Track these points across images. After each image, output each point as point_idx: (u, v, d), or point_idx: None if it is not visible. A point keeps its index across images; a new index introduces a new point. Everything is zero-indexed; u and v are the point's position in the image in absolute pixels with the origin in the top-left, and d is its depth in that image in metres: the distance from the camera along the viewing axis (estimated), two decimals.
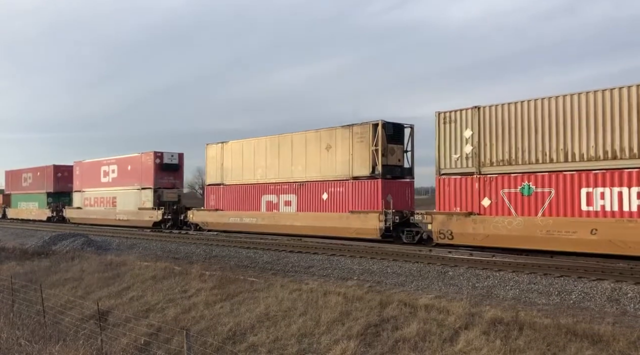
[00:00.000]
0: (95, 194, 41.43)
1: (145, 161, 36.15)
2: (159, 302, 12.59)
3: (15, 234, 34.39)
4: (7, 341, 10.48)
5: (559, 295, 11.98)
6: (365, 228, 22.49)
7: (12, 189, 55.78)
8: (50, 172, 48.21)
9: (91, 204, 42.00)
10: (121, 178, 38.52)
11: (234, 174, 29.86)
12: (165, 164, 35.88)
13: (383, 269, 15.98)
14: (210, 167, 31.73)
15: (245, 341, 9.51)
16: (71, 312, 12.27)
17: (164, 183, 35.99)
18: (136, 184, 36.76)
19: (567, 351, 7.50)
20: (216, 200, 30.89)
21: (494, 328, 8.42)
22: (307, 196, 25.51)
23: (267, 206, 27.61)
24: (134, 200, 36.86)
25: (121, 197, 38.27)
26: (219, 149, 31.03)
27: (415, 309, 9.59)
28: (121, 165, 38.73)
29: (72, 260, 18.67)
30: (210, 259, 19.84)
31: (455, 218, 19.11)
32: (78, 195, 43.71)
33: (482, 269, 15.04)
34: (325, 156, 24.86)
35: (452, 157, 19.59)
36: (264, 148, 28.20)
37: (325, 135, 24.94)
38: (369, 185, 22.91)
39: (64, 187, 47.41)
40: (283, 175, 26.90)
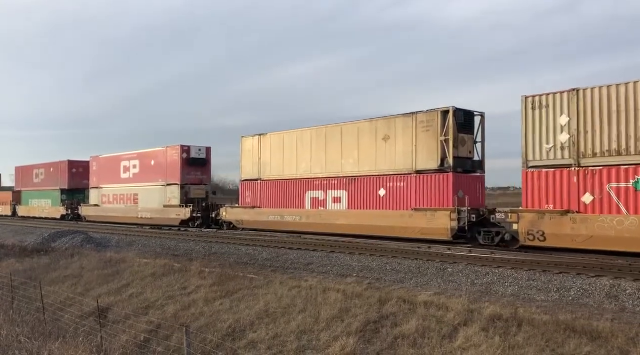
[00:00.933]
0: (115, 190, 39.49)
1: (171, 156, 34.18)
2: (158, 299, 12.61)
3: (14, 231, 34.39)
4: (7, 338, 10.50)
5: (558, 292, 12.00)
6: (432, 228, 20.23)
7: (23, 186, 53.31)
8: (65, 168, 45.98)
9: (109, 201, 40.09)
10: (143, 174, 36.59)
11: (274, 169, 27.91)
12: (192, 158, 33.84)
13: (382, 266, 16.00)
14: (246, 161, 29.60)
15: (244, 338, 9.53)
16: (71, 309, 12.28)
17: (191, 179, 34.02)
18: (161, 180, 34.88)
19: (566, 347, 7.51)
20: (253, 197, 28.81)
21: (493, 324, 8.43)
22: (360, 192, 23.45)
23: (312, 203, 25.67)
24: (158, 198, 34.91)
25: (144, 194, 36.34)
26: (256, 141, 28.97)
27: (414, 306, 9.61)
28: (143, 160, 36.81)
29: (71, 258, 18.68)
30: (209, 256, 19.85)
31: (548, 217, 16.83)
32: (95, 192, 41.77)
33: (481, 265, 15.07)
34: (383, 148, 22.63)
35: (544, 147, 17.38)
36: (309, 140, 26.12)
37: (382, 125, 22.70)
38: (438, 180, 20.65)
39: (79, 183, 45.41)
40: (331, 169, 24.95)
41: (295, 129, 27.24)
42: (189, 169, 33.82)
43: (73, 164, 46.01)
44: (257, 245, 21.71)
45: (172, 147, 34.30)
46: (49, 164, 48.74)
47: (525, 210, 17.66)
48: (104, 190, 40.78)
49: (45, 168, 49.16)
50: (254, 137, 29.20)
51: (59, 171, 46.61)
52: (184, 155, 33.63)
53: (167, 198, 34.14)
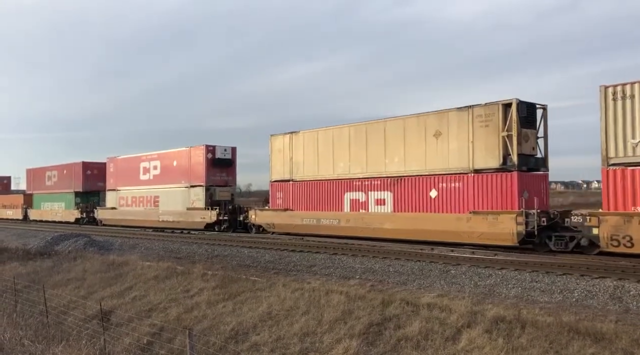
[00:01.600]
0: (133, 192, 37.86)
1: (195, 156, 32.65)
2: (161, 301, 12.61)
3: (17, 235, 34.45)
4: (11, 341, 10.51)
5: (562, 293, 11.97)
6: (495, 232, 18.43)
7: (35, 189, 51.45)
8: (79, 170, 44.07)
9: (128, 203, 38.42)
10: (165, 175, 35.02)
11: (307, 169, 26.17)
12: (217, 159, 32.34)
13: (385, 267, 15.98)
14: (276, 161, 27.86)
15: (247, 340, 9.52)
16: (74, 312, 12.28)
17: (216, 180, 32.48)
18: (184, 181, 33.39)
19: (569, 349, 7.49)
20: (284, 199, 27.11)
21: (496, 326, 8.41)
22: (408, 193, 21.68)
23: (351, 205, 23.97)
24: (181, 200, 33.45)
25: (165, 196, 34.86)
26: (287, 140, 27.22)
27: (417, 308, 9.59)
28: (165, 161, 35.30)
29: (74, 261, 18.70)
30: (212, 258, 19.86)
31: (637, 221, 15.12)
32: (112, 195, 40.13)
33: (484, 267, 15.04)
34: (433, 145, 20.81)
35: (628, 142, 15.63)
36: (347, 138, 24.39)
37: (432, 120, 20.89)
38: (499, 180, 18.87)
39: (94, 185, 43.66)
40: (373, 169, 23.19)
41: (330, 126, 25.54)
42: (213, 170, 32.36)
43: (87, 166, 44.27)
44: (259, 247, 21.71)
45: (197, 147, 32.76)
46: (62, 165, 47.03)
47: (607, 213, 15.87)
48: (121, 192, 39.27)
49: (58, 170, 47.49)
50: (284, 136, 27.48)
51: (73, 173, 44.95)
52: (209, 155, 32.12)
53: (191, 200, 32.66)
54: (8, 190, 62.90)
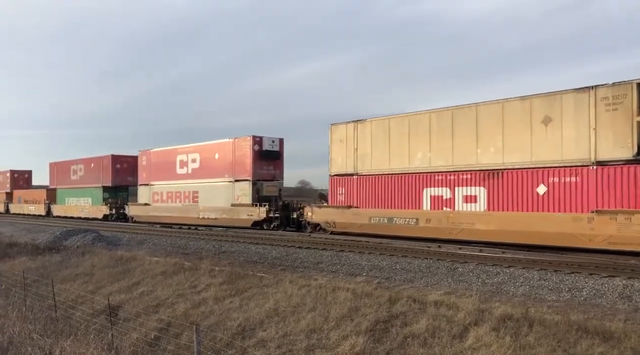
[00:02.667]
0: (169, 187, 35.51)
1: (241, 148, 30.24)
2: (168, 297, 12.67)
3: (26, 230, 34.73)
4: (20, 335, 10.61)
5: (570, 292, 11.90)
6: (628, 236, 15.85)
7: (58, 183, 49.42)
8: (108, 163, 42.03)
9: (162, 199, 36.04)
10: (205, 169, 32.61)
11: (376, 161, 23.34)
12: (264, 151, 29.93)
13: (392, 265, 15.96)
14: (337, 153, 25.04)
15: (254, 336, 9.55)
16: (82, 306, 12.37)
17: (264, 174, 30.09)
18: (227, 175, 30.94)
19: (577, 348, 7.45)
20: (347, 195, 24.44)
21: (503, 324, 8.38)
22: (507, 189, 18.88)
23: (432, 202, 21.20)
24: (224, 195, 31.03)
25: (205, 192, 32.49)
26: (351, 129, 24.44)
27: (424, 305, 9.57)
28: (206, 153, 32.83)
29: (82, 256, 18.83)
30: (219, 254, 19.93)
31: None
32: (144, 190, 37.75)
33: (492, 265, 14.98)
34: (541, 133, 18.01)
35: None
36: (427, 125, 21.53)
37: (540, 103, 18.10)
38: (633, 173, 16.17)
39: (123, 180, 42.01)
40: (461, 160, 20.32)
41: (405, 113, 22.85)
42: (260, 163, 29.89)
43: (117, 159, 42.28)
44: (266, 243, 21.75)
45: (242, 138, 30.30)
46: (88, 159, 45.12)
47: None
48: (155, 187, 36.84)
49: (85, 164, 45.53)
50: (347, 125, 24.68)
51: (101, 167, 42.87)
52: (256, 147, 29.64)
53: (235, 196, 30.23)
54: (29, 185, 61.49)
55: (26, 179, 62.26)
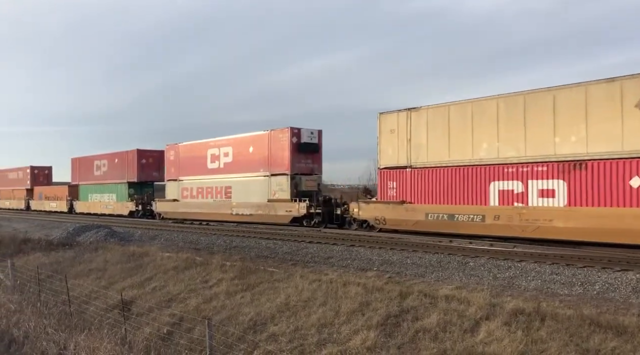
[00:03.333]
0: (199, 182, 33.84)
1: (277, 140, 28.45)
2: (180, 292, 12.77)
3: (40, 226, 35.14)
4: (35, 330, 10.76)
5: (582, 286, 11.83)
6: None
7: (81, 179, 47.87)
8: (133, 158, 40.70)
9: (192, 195, 34.46)
10: (239, 163, 30.94)
11: (433, 152, 21.20)
12: (303, 143, 28.05)
13: (403, 259, 15.95)
14: (387, 143, 22.90)
15: (266, 331, 9.60)
16: (95, 301, 12.52)
17: (302, 168, 28.20)
18: (263, 169, 29.15)
19: (590, 342, 7.40)
20: (400, 189, 22.32)
21: (515, 319, 8.35)
22: (592, 182, 16.94)
23: (501, 198, 19.10)
24: (259, 190, 29.21)
25: (239, 187, 30.78)
26: (404, 118, 22.20)
27: (435, 300, 9.57)
28: (239, 146, 31.20)
29: (95, 251, 19.02)
30: (230, 249, 20.03)
31: None
32: (173, 185, 36.16)
33: (503, 259, 14.93)
34: (635, 119, 16.07)
35: None
36: (494, 112, 19.49)
37: (632, 86, 16.15)
38: None
39: (149, 175, 40.86)
40: (535, 151, 18.32)
41: (467, 100, 20.71)
42: (299, 156, 28.01)
43: (142, 154, 40.96)
44: (276, 238, 21.82)
45: (279, 130, 28.48)
46: (113, 154, 43.74)
47: None
48: (184, 182, 35.22)
49: (108, 159, 44.12)
50: (399, 113, 22.48)
51: (126, 162, 41.46)
52: (294, 139, 27.82)
53: (272, 191, 28.42)
54: (49, 181, 59.42)
55: (46, 175, 60.43)
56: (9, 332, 11.15)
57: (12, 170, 63.61)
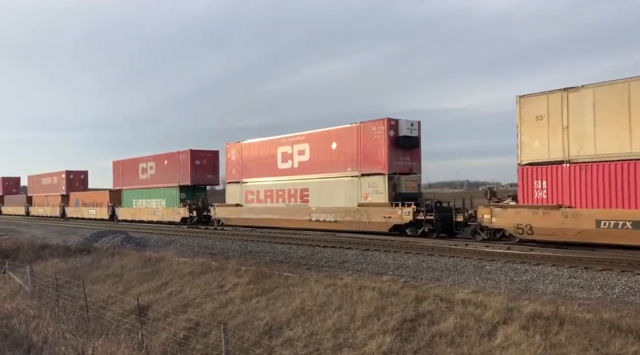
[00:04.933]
0: (268, 185, 30.16)
1: (370, 134, 24.32)
2: (196, 297, 12.82)
3: (57, 232, 35.57)
4: (54, 335, 10.87)
5: (601, 290, 11.64)
6: None
7: (124, 184, 44.75)
8: (186, 159, 37.12)
9: (259, 199, 30.76)
10: (318, 162, 27.09)
11: (603, 142, 16.75)
12: (402, 137, 23.81)
13: (418, 263, 15.85)
14: (532, 133, 18.55)
15: (281, 336, 9.60)
16: (112, 307, 12.61)
17: (400, 166, 23.98)
18: (350, 168, 25.23)
19: (610, 347, 7.28)
20: (552, 190, 17.89)
21: (533, 323, 8.25)
22: None
23: None
24: (345, 193, 25.35)
25: (318, 189, 26.88)
26: (557, 101, 17.83)
27: (451, 304, 9.49)
28: (318, 143, 27.25)
29: (112, 257, 19.18)
30: (245, 254, 20.08)
31: None
32: (235, 189, 32.51)
33: (520, 263, 14.77)
34: None
35: None
36: None
37: None
38: None
39: (203, 178, 37.49)
40: None
41: None
42: (396, 153, 23.82)
43: (196, 154, 37.38)
44: (291, 243, 21.83)
45: (372, 122, 24.39)
46: (161, 155, 40.26)
47: None
48: (248, 185, 31.68)
49: (157, 161, 40.55)
50: (549, 95, 18.11)
51: (178, 164, 37.97)
52: (391, 132, 23.62)
53: (362, 194, 24.54)
54: (85, 187, 56.78)
55: (82, 180, 57.17)
56: (28, 337, 11.27)
57: (46, 175, 61.06)
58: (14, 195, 72.61)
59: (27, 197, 65.62)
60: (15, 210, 67.82)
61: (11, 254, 21.44)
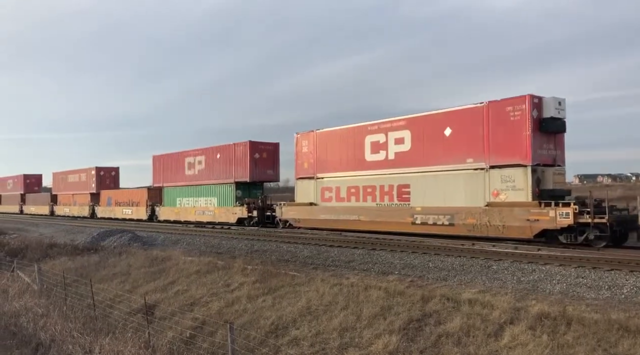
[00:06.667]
0: (352, 180, 25.83)
1: (504, 115, 19.57)
2: (203, 296, 12.85)
3: (65, 231, 35.76)
4: (62, 333, 10.94)
5: (610, 290, 11.56)
6: None
7: (166, 181, 40.94)
8: (245, 152, 33.22)
9: (339, 197, 26.37)
10: (422, 151, 22.67)
11: None
12: (548, 119, 19.10)
13: (424, 263, 15.81)
14: None
15: (287, 335, 9.60)
16: (119, 305, 12.67)
17: (544, 156, 19.31)
18: (472, 159, 20.67)
19: (619, 347, 7.23)
20: None
21: (540, 323, 8.21)
22: None
23: None
24: (464, 190, 20.93)
25: (425, 185, 22.48)
26: None
27: (458, 304, 9.45)
28: (423, 129, 22.73)
29: (119, 256, 19.26)
30: (252, 253, 20.11)
31: None
32: (307, 185, 28.27)
33: (527, 263, 14.69)
34: None
35: None
36: None
37: None
38: None
39: (262, 174, 33.66)
40: None
41: None
42: (540, 139, 19.19)
43: (256, 147, 33.42)
44: (297, 242, 21.83)
45: (508, 100, 19.66)
46: (213, 148, 36.37)
47: None
48: (326, 181, 27.29)
49: (207, 154, 36.70)
50: None
51: (233, 157, 34.13)
52: (534, 112, 18.98)
53: (491, 190, 19.90)
54: (116, 185, 53.40)
55: (113, 178, 53.55)
56: (36, 335, 11.35)
57: (73, 172, 57.07)
58: (37, 193, 67.40)
59: (52, 196, 61.05)
60: (38, 209, 62.80)
61: (19, 252, 21.60)
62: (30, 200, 66.29)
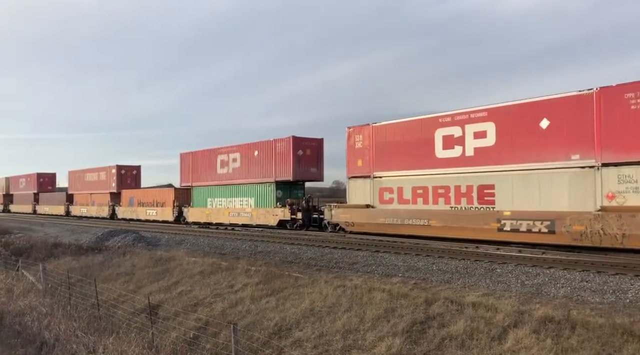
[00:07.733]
0: (418, 179, 22.86)
1: (622, 104, 16.56)
2: (206, 296, 12.88)
3: (70, 231, 35.90)
4: (66, 332, 10.97)
5: (614, 294, 11.51)
6: None
7: (196, 180, 38.24)
8: (287, 148, 30.36)
9: (402, 199, 23.49)
10: (508, 147, 19.69)
11: None
12: None
13: (428, 266, 15.79)
14: None
15: (290, 336, 9.61)
16: (123, 305, 12.71)
17: None
18: (576, 155, 17.79)
19: (623, 352, 7.20)
20: None
21: (544, 326, 8.18)
22: None
23: None
24: (567, 191, 17.97)
25: (515, 185, 19.46)
26: None
27: (462, 307, 9.44)
28: (512, 120, 19.64)
29: (123, 256, 19.32)
30: (255, 254, 20.13)
31: None
32: (361, 185, 25.40)
33: (531, 266, 14.66)
34: None
35: None
36: None
37: None
38: None
39: (305, 172, 30.67)
40: None
41: None
42: None
43: (299, 143, 30.47)
44: (301, 244, 21.84)
45: (625, 85, 16.65)
46: (250, 144, 33.40)
47: None
48: (384, 180, 24.45)
49: (242, 151, 33.89)
50: None
51: (274, 154, 31.29)
52: None
53: (606, 192, 16.93)
54: (138, 184, 51.18)
55: (134, 177, 51.08)
56: (41, 334, 11.39)
57: (91, 170, 54.57)
58: (51, 193, 64.62)
59: (67, 195, 58.64)
60: (52, 209, 60.22)
61: (24, 252, 21.70)
62: (44, 200, 63.90)
